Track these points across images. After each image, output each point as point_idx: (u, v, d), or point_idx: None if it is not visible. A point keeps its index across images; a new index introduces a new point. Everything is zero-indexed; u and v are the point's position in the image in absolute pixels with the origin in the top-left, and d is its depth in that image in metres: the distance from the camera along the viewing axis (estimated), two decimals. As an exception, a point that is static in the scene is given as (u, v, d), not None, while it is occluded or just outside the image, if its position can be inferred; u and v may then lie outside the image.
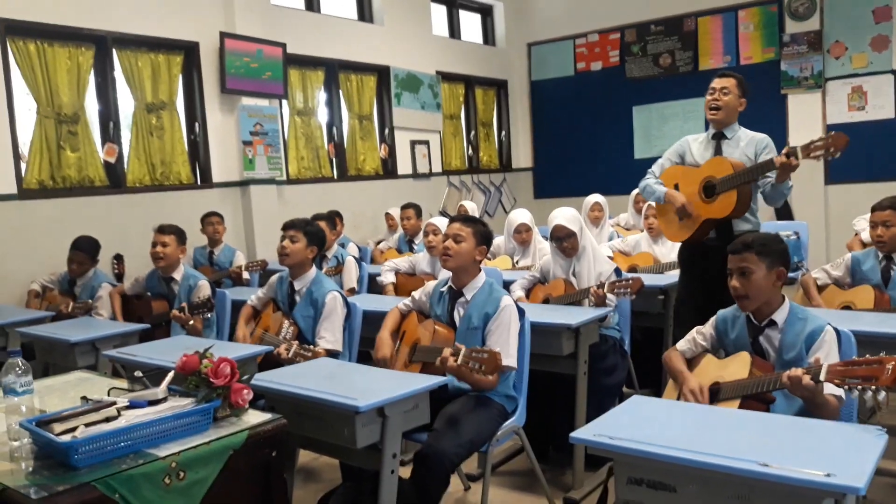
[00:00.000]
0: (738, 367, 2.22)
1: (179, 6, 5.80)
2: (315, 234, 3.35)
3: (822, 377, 1.88)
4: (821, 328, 2.21)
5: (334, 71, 7.17)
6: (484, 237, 2.89)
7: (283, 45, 6.40)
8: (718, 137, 3.59)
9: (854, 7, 7.33)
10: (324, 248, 3.62)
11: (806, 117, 7.56)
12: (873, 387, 1.74)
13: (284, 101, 6.69)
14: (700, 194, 3.43)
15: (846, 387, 1.80)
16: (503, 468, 3.52)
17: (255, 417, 2.00)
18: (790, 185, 3.29)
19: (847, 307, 3.13)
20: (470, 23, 9.28)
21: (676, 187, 3.56)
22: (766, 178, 3.31)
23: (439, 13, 8.70)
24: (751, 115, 8.03)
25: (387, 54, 7.61)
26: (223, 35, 5.95)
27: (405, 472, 2.62)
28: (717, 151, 3.53)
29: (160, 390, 1.98)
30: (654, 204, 4.43)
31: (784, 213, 6.94)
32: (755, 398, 2.10)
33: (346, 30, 7.27)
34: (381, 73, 7.62)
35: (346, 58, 7.23)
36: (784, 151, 3.12)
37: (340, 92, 7.29)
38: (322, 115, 7.20)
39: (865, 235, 4.41)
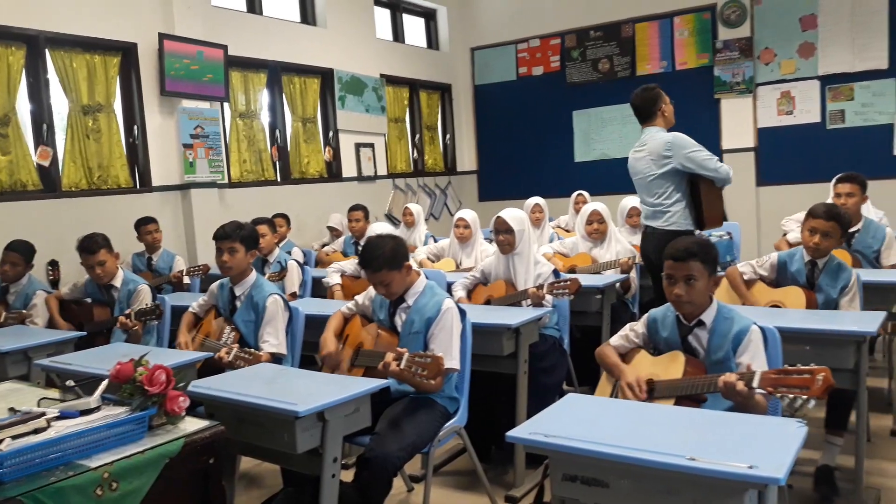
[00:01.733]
0: (672, 366, 2.29)
1: (116, 6, 5.67)
2: (249, 237, 3.31)
3: (755, 384, 1.95)
4: (746, 328, 2.29)
5: (277, 73, 7.10)
6: (398, 258, 2.82)
7: (225, 47, 6.31)
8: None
9: (782, 15, 7.61)
10: (258, 245, 3.58)
11: (738, 121, 7.83)
12: (804, 396, 1.82)
13: (226, 104, 6.60)
14: None
15: (778, 395, 1.88)
16: (446, 468, 3.56)
17: (192, 425, 1.97)
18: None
19: (775, 306, 3.24)
20: (414, 27, 9.31)
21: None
22: None
23: (383, 16, 8.70)
24: (685, 120, 8.27)
25: (330, 57, 7.58)
26: (162, 36, 5.84)
27: (348, 475, 2.63)
28: None
29: (93, 399, 1.95)
30: (600, 210, 4.56)
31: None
32: (688, 397, 2.17)
33: (288, 32, 7.22)
34: (325, 75, 7.58)
35: (289, 60, 7.17)
36: None
37: (283, 94, 7.22)
38: (265, 117, 7.12)
39: (792, 236, 4.59)
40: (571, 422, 1.85)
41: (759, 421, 1.80)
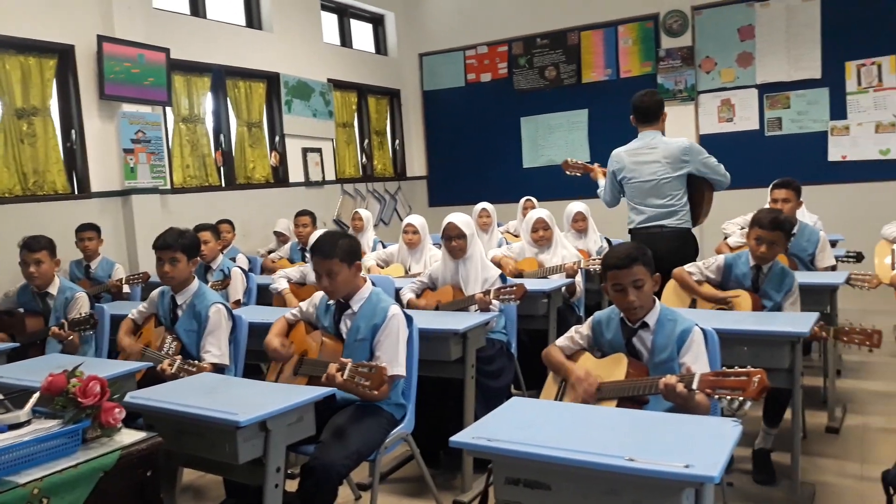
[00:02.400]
0: (614, 368, 2.32)
1: (52, 7, 5.50)
2: (191, 245, 3.24)
3: (694, 386, 2.00)
4: (689, 329, 2.34)
5: (221, 77, 6.99)
6: (352, 255, 2.81)
7: (167, 51, 6.19)
8: None
9: (721, 26, 7.84)
10: (200, 253, 3.51)
11: (681, 128, 7.99)
12: (740, 398, 1.87)
13: (168, 108, 6.47)
14: None
15: (716, 396, 1.92)
16: (394, 475, 3.54)
17: (128, 437, 1.92)
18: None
19: (728, 307, 3.31)
20: (361, 32, 9.29)
21: None
22: None
23: (330, 21, 8.65)
24: (630, 125, 8.44)
25: (277, 61, 7.50)
26: (101, 38, 5.69)
27: (293, 485, 2.59)
28: None
29: (23, 413, 1.88)
30: (544, 217, 4.62)
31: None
32: (630, 399, 2.21)
33: (233, 36, 7.12)
34: (271, 79, 7.50)
35: (233, 64, 7.07)
36: None
37: (228, 98, 7.11)
38: (209, 122, 7.00)
39: (732, 240, 4.71)
40: (514, 425, 1.86)
41: (697, 421, 1.84)
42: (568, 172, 4.91)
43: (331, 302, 2.92)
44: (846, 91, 7.38)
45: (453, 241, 3.66)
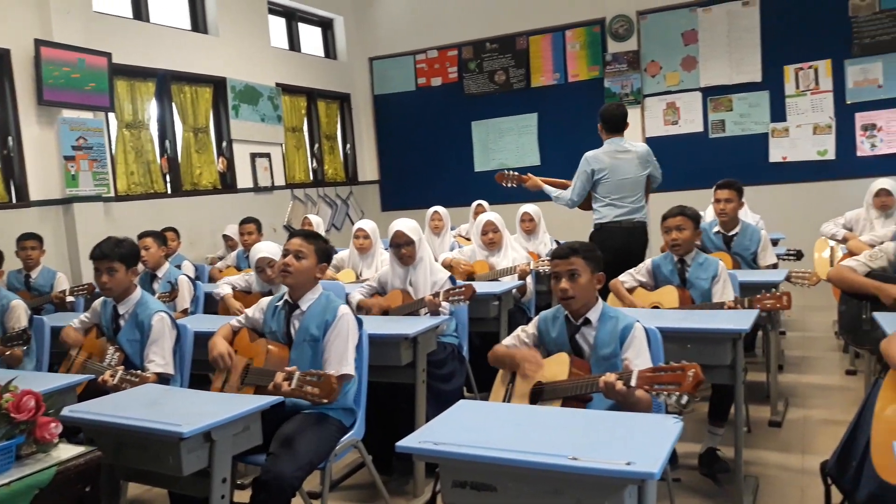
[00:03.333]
0: (558, 367, 2.35)
1: (-15, 10, 5.33)
2: (129, 254, 3.17)
3: (632, 382, 2.03)
4: (631, 325, 2.40)
5: (166, 82, 6.86)
6: (325, 254, 2.88)
7: (109, 55, 6.04)
8: None
9: (665, 30, 8.00)
10: (140, 261, 3.45)
11: (628, 131, 8.04)
12: (677, 392, 1.91)
13: (111, 114, 6.31)
14: None
15: (654, 392, 1.96)
16: (347, 482, 3.51)
17: (66, 452, 1.87)
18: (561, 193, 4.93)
19: (655, 307, 3.40)
20: (310, 36, 9.21)
21: None
22: None
23: (278, 25, 8.56)
24: (579, 129, 8.56)
25: (223, 65, 7.39)
26: (38, 42, 5.52)
27: (242, 496, 2.55)
28: None
29: (-48, 431, 1.80)
30: (493, 220, 4.66)
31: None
32: (574, 398, 2.23)
33: (178, 40, 6.98)
34: (218, 84, 7.38)
35: (179, 68, 6.93)
36: None
37: (174, 104, 6.98)
38: (153, 127, 6.85)
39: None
40: (461, 428, 1.86)
41: (638, 418, 1.87)
42: (504, 184, 5.13)
43: (279, 304, 2.89)
44: (785, 94, 7.60)
45: (402, 249, 3.66)
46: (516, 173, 5.13)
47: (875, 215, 5.08)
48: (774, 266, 4.42)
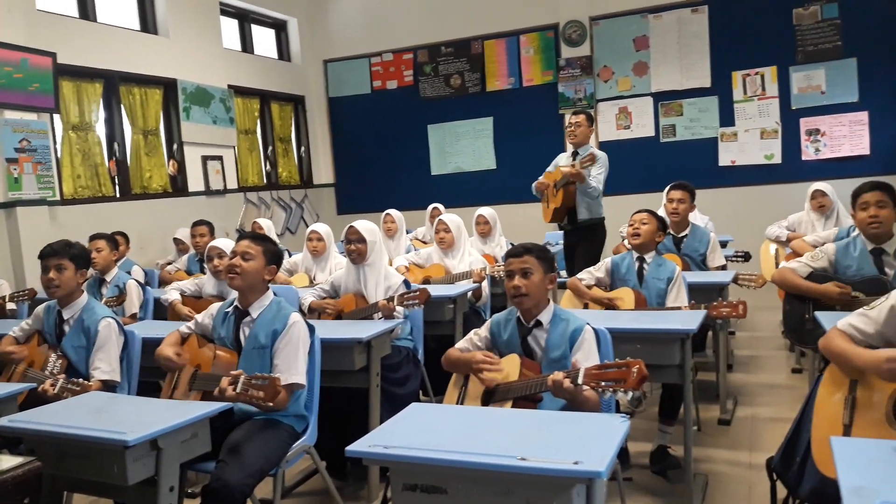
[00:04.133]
0: (509, 368, 2.37)
1: (-79, 7, 5.14)
2: (80, 255, 3.10)
3: (579, 380, 2.06)
4: (581, 327, 2.43)
5: (114, 83, 6.71)
6: (274, 256, 2.84)
7: (53, 55, 5.88)
8: (575, 153, 5.25)
9: (617, 36, 8.13)
10: (90, 265, 3.36)
11: (581, 135, 8.23)
12: (622, 389, 1.94)
13: (56, 115, 6.14)
14: (553, 191, 5.17)
15: (600, 389, 1.99)
16: (301, 489, 3.47)
17: (4, 463, 1.80)
18: (591, 188, 4.98)
19: (612, 307, 3.44)
20: (264, 38, 9.11)
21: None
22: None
23: (230, 26, 8.45)
24: (533, 133, 8.63)
25: (173, 67, 7.25)
26: (-22, 41, 5.36)
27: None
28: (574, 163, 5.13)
29: None
30: (446, 220, 4.67)
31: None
32: (525, 398, 2.25)
33: (126, 40, 6.84)
34: (168, 86, 7.24)
35: (127, 69, 6.79)
36: (572, 164, 5.01)
37: (122, 105, 6.83)
38: (101, 129, 6.69)
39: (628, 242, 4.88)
40: (412, 431, 1.85)
41: (586, 418, 1.89)
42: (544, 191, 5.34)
43: (228, 310, 2.85)
44: (734, 99, 7.79)
45: (353, 245, 3.65)
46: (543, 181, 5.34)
47: (815, 217, 5.24)
48: (723, 267, 4.52)
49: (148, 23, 7.24)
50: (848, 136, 7.41)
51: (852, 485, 1.35)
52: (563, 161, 5.37)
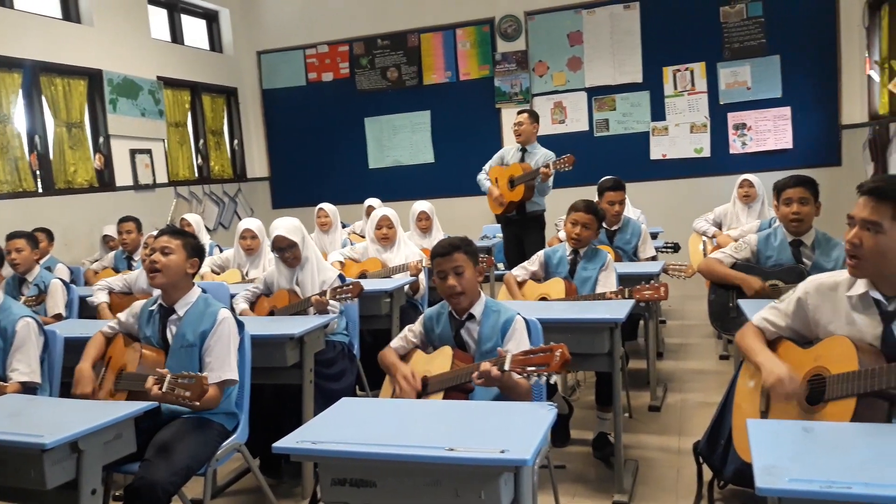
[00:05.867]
0: (442, 360, 2.38)
1: None
2: None
3: (506, 367, 2.08)
4: (512, 318, 2.45)
5: (35, 74, 6.43)
6: (195, 249, 2.77)
7: (-33, 43, 5.61)
8: (523, 150, 5.51)
9: (552, 31, 8.22)
10: (5, 262, 3.22)
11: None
12: (546, 373, 1.97)
13: (-29, 107, 5.87)
14: (507, 185, 5.42)
15: (525, 374, 2.01)
16: (233, 487, 3.41)
17: None
18: (548, 186, 5.33)
19: (543, 298, 3.49)
20: (194, 28, 8.87)
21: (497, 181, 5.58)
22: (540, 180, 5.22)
23: (159, 16, 8.19)
24: (471, 127, 8.66)
25: (99, 57, 7.00)
26: None
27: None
28: (522, 160, 5.48)
29: None
30: (389, 215, 4.64)
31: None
32: (457, 389, 2.26)
33: (48, 29, 6.56)
34: (93, 77, 6.98)
35: (49, 59, 6.51)
36: (545, 165, 5.19)
37: (44, 97, 6.55)
38: (21, 122, 6.41)
39: (563, 234, 4.96)
40: (341, 426, 1.84)
41: (514, 407, 1.91)
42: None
43: (153, 308, 2.77)
44: (664, 94, 7.97)
45: (286, 253, 3.58)
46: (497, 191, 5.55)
47: (740, 207, 5.43)
48: (654, 258, 4.64)
49: (70, 11, 6.96)
50: (772, 130, 7.67)
51: (764, 464, 1.40)
52: (509, 156, 5.57)
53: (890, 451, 1.46)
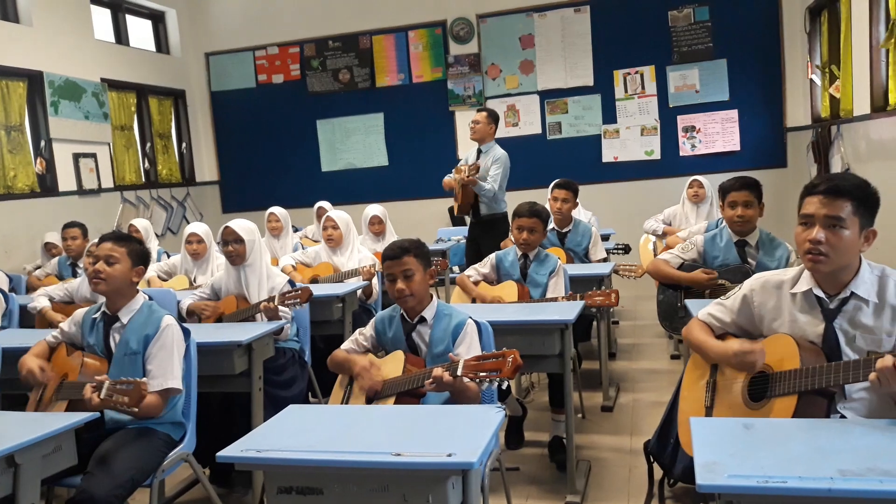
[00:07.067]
0: (393, 365, 2.36)
1: None
2: None
3: (458, 372, 2.07)
4: (463, 321, 2.45)
5: (-29, 75, 6.22)
6: (140, 256, 2.70)
7: None
8: (479, 151, 5.51)
9: (504, 34, 8.27)
10: None
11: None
12: (498, 378, 1.96)
13: None
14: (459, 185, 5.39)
15: (478, 380, 2.01)
16: (182, 498, 3.33)
17: None
18: (485, 191, 5.27)
19: (497, 300, 3.50)
20: (140, 29, 8.68)
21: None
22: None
23: (102, 16, 7.99)
24: (425, 130, 8.65)
25: (39, 58, 6.79)
26: None
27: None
28: (478, 160, 5.46)
29: None
30: (334, 216, 4.60)
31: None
32: (408, 393, 2.24)
33: (-17, 28, 6.35)
34: (33, 78, 6.77)
35: (-15, 60, 6.31)
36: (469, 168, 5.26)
37: (-20, 99, 6.33)
38: (-43, 125, 6.18)
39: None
40: (287, 433, 1.81)
41: (463, 410, 1.90)
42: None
43: (96, 316, 2.69)
44: (616, 97, 8.08)
45: (230, 246, 3.53)
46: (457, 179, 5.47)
47: (689, 208, 5.53)
48: (605, 260, 4.69)
49: (7, 10, 6.74)
50: (721, 132, 7.85)
51: (705, 460, 1.41)
52: (471, 156, 5.60)
53: (825, 445, 1.49)
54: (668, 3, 7.81)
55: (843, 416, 1.88)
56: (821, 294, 1.97)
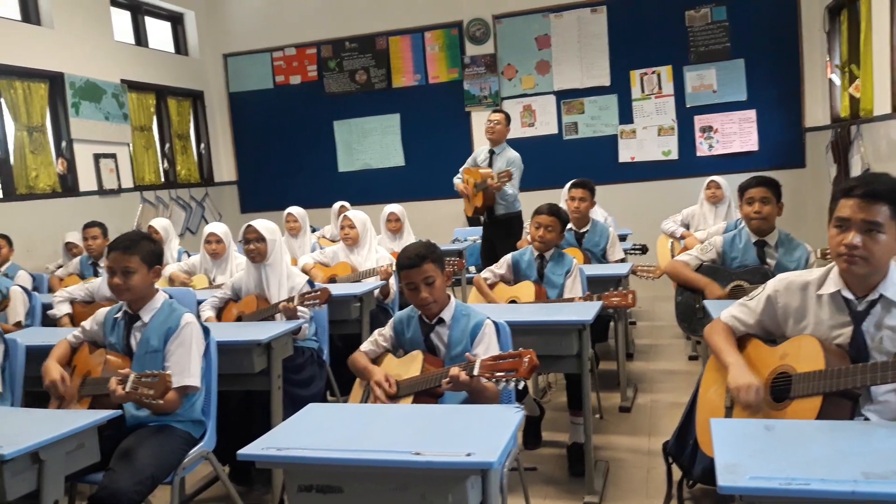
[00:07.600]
0: (412, 365, 2.37)
1: None
2: None
3: (475, 372, 2.08)
4: (481, 322, 2.45)
5: (-7, 77, 6.30)
6: (153, 256, 2.68)
7: (-77, 45, 5.47)
8: (491, 152, 5.64)
9: (520, 35, 8.26)
10: None
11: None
12: (514, 378, 1.97)
13: (-72, 110, 5.72)
14: (473, 189, 5.53)
15: (494, 379, 2.01)
16: (203, 496, 3.36)
17: None
18: (508, 195, 5.46)
19: (513, 301, 3.50)
20: (159, 30, 8.76)
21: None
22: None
23: (122, 19, 8.07)
24: (441, 130, 8.67)
25: (61, 60, 6.87)
26: None
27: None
28: (490, 162, 5.60)
29: None
30: (351, 216, 4.62)
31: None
32: (426, 393, 2.25)
33: (6, 31, 6.42)
34: (54, 80, 6.85)
35: (8, 62, 6.37)
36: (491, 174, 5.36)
37: (3, 101, 6.41)
38: (-21, 126, 6.27)
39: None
40: (308, 431, 1.82)
41: (481, 410, 1.91)
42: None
43: (118, 315, 2.72)
44: (632, 97, 8.05)
45: (251, 245, 3.56)
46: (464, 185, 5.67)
47: (707, 209, 5.50)
48: (622, 260, 4.67)
49: (30, 12, 6.83)
50: (738, 132, 7.79)
51: (726, 462, 1.41)
52: (481, 157, 5.65)
53: (847, 447, 1.48)
54: (684, 2, 7.77)
55: (866, 419, 1.87)
56: (849, 296, 1.95)
